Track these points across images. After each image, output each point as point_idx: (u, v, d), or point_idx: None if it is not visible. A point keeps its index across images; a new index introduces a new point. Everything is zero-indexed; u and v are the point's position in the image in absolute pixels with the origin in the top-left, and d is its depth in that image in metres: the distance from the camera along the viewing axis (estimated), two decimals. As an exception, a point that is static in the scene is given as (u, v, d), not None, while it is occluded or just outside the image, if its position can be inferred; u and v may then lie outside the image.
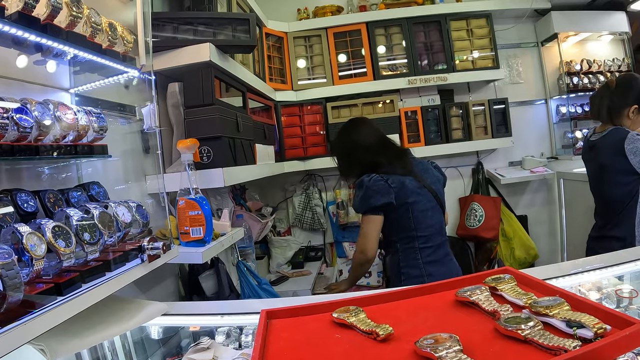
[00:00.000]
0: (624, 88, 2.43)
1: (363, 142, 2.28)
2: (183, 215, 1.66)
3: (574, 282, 1.41)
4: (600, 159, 2.45)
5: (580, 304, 0.80)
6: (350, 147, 2.33)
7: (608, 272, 1.43)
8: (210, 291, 2.08)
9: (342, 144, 2.39)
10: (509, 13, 3.84)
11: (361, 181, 2.17)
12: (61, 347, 0.97)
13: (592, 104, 2.63)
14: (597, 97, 2.58)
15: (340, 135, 2.41)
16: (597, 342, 0.67)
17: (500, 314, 0.82)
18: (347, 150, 2.35)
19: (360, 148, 2.27)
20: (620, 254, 1.49)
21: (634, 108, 2.38)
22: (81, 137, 1.20)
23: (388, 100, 3.54)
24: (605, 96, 2.48)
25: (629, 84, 2.45)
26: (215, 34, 1.98)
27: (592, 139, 2.54)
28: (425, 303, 0.98)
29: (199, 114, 1.87)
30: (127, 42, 1.34)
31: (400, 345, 0.76)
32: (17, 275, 0.79)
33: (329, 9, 3.65)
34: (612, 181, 2.40)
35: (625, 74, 2.82)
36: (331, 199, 3.85)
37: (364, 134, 2.31)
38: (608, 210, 2.48)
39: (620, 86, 2.46)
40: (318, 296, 1.66)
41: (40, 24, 1.02)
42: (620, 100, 2.42)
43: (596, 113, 2.55)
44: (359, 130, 2.33)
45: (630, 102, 2.39)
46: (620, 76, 2.63)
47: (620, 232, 2.36)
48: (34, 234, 0.90)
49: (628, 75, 2.60)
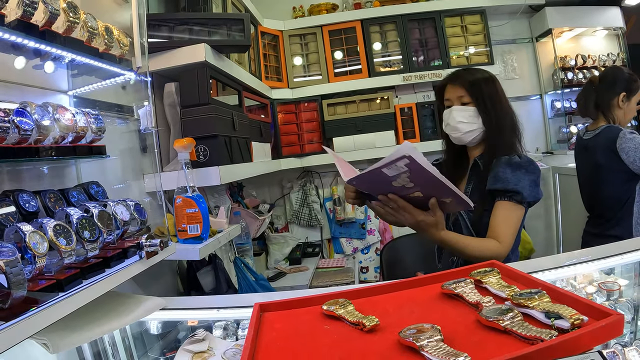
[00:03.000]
0: (609, 80, 2.47)
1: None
2: (180, 212, 1.70)
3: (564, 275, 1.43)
4: (596, 159, 2.45)
5: (560, 295, 0.83)
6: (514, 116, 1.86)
7: (596, 265, 1.45)
8: (208, 287, 2.11)
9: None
10: (504, 9, 3.86)
11: (531, 162, 1.74)
12: (63, 341, 1.01)
13: (579, 103, 2.65)
14: (582, 95, 2.60)
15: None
16: (573, 332, 0.69)
17: (483, 305, 0.85)
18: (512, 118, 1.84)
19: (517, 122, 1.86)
20: (610, 247, 1.51)
21: (622, 96, 2.41)
22: (80, 138, 1.23)
23: (383, 97, 3.57)
24: (591, 92, 2.51)
25: (613, 75, 2.49)
26: (210, 34, 2.01)
27: (585, 138, 2.55)
28: (412, 296, 1.01)
29: (195, 114, 1.90)
30: (123, 45, 1.37)
31: (385, 335, 0.79)
32: (21, 272, 0.83)
33: (324, 6, 3.68)
34: (609, 181, 2.42)
35: (607, 69, 2.86)
36: (328, 195, 3.88)
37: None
38: (605, 209, 2.49)
39: (604, 79, 2.50)
40: (311, 290, 1.68)
41: (39, 30, 1.05)
42: (606, 92, 2.45)
43: (584, 111, 2.58)
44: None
45: (618, 91, 2.42)
46: (603, 71, 2.67)
47: (619, 232, 2.36)
48: (36, 232, 0.93)
49: (610, 69, 2.64)
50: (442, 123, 1.91)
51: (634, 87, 2.45)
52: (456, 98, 1.83)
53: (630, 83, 2.44)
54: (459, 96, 1.82)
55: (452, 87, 1.86)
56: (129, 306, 1.26)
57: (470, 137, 1.82)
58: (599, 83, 2.51)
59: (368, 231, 3.80)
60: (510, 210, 1.68)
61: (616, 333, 0.73)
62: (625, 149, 2.27)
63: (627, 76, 2.47)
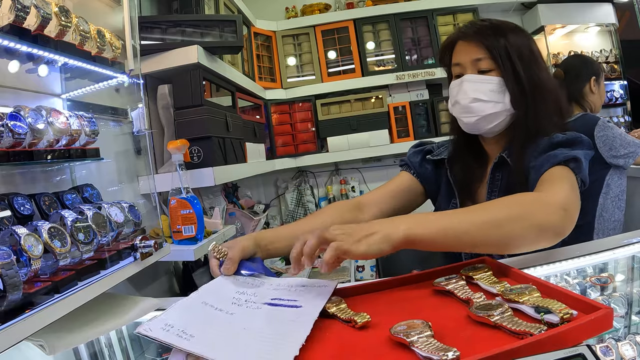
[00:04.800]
0: (575, 70, 2.48)
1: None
2: (175, 214, 1.70)
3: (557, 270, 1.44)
4: None
5: (550, 290, 0.84)
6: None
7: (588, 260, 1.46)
8: (204, 287, 2.12)
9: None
10: (496, 7, 3.87)
11: (582, 136, 1.27)
12: (59, 342, 1.01)
13: None
14: None
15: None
16: (562, 326, 0.70)
17: (474, 301, 0.86)
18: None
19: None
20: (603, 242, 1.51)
21: (593, 80, 2.42)
22: (74, 141, 1.24)
23: (377, 96, 3.58)
24: (561, 87, 2.53)
25: (577, 65, 2.51)
26: (202, 36, 2.02)
27: None
28: (404, 293, 1.02)
29: (189, 115, 1.91)
30: (115, 48, 1.38)
31: (377, 332, 0.80)
32: (16, 274, 0.83)
33: (316, 7, 3.69)
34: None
35: (567, 60, 2.85)
36: (323, 194, 3.90)
37: None
38: None
39: (569, 71, 2.51)
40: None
41: (31, 34, 1.06)
42: (576, 83, 2.46)
43: None
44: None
45: (587, 77, 2.43)
46: (564, 63, 2.66)
47: (580, 221, 2.35)
48: (31, 235, 0.94)
49: (571, 58, 2.65)
50: (447, 102, 1.38)
51: (599, 69, 2.48)
52: (470, 62, 1.27)
53: (594, 66, 2.48)
54: (474, 59, 1.26)
55: (464, 46, 1.29)
56: (124, 307, 1.27)
57: (490, 124, 1.27)
58: (565, 76, 2.52)
59: (363, 230, 3.80)
60: (564, 172, 1.14)
61: (605, 327, 0.73)
62: (602, 138, 2.27)
63: (588, 60, 2.51)
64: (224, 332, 0.82)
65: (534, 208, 1.00)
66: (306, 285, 1.04)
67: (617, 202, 2.28)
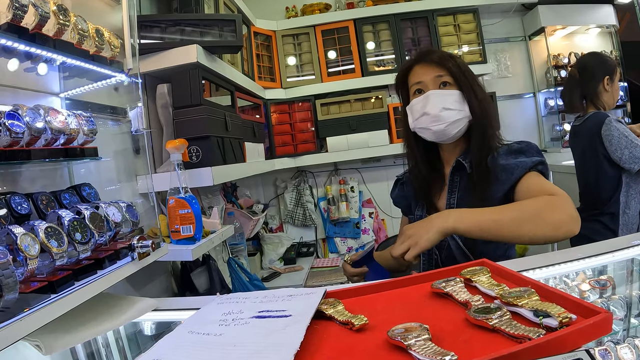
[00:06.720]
0: (589, 69, 2.49)
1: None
2: (173, 213, 1.70)
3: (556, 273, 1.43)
4: (583, 144, 2.48)
5: (549, 294, 0.84)
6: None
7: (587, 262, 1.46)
8: (202, 288, 2.12)
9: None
10: (496, 8, 3.86)
11: (533, 144, 1.55)
12: (56, 342, 1.01)
13: (564, 100, 2.67)
14: (566, 91, 2.62)
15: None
16: (560, 330, 0.70)
17: (472, 304, 0.85)
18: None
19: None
20: (602, 244, 1.51)
21: (606, 79, 2.43)
22: (72, 140, 1.23)
23: (377, 96, 3.57)
24: (575, 86, 2.53)
25: (592, 63, 2.52)
26: (202, 35, 2.01)
27: (575, 124, 2.59)
28: (402, 295, 1.02)
29: (187, 115, 1.90)
30: (114, 47, 1.37)
31: (374, 334, 0.80)
32: (13, 274, 0.83)
33: (317, 6, 3.69)
34: (595, 167, 2.42)
35: (582, 58, 2.84)
36: (322, 195, 3.90)
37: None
38: (593, 196, 2.50)
39: (584, 70, 2.51)
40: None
41: (29, 33, 1.06)
42: (591, 82, 2.47)
43: (570, 106, 2.60)
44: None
45: (601, 76, 2.44)
46: (579, 62, 2.67)
47: (607, 220, 2.38)
48: (28, 234, 0.94)
49: (586, 58, 2.65)
50: (405, 121, 1.60)
51: (613, 67, 2.49)
52: (432, 79, 1.49)
53: (608, 64, 2.48)
54: (436, 76, 1.49)
55: (424, 68, 1.52)
56: (121, 307, 1.26)
57: (456, 130, 1.48)
58: (580, 75, 2.52)
59: (362, 230, 3.82)
60: (539, 177, 1.39)
61: (604, 331, 0.72)
62: (608, 137, 2.29)
63: (603, 59, 2.51)
64: (215, 352, 0.81)
65: (548, 207, 1.28)
66: (293, 295, 1.05)
67: (638, 197, 2.32)
